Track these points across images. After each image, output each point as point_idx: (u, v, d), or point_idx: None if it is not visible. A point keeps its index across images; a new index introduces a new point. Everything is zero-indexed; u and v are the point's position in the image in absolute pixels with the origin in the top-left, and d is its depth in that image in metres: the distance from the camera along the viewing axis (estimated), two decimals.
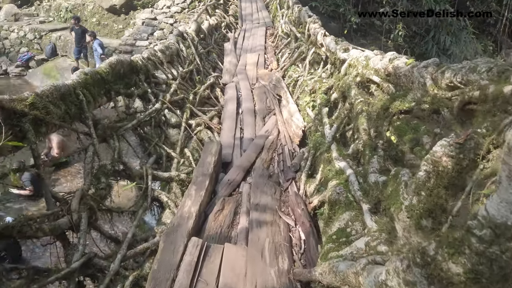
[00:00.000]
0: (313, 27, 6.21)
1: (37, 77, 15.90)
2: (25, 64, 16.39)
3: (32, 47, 17.04)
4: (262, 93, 6.82)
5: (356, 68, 3.93)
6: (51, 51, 16.36)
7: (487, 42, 16.95)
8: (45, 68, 15.96)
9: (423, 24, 15.71)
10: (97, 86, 3.91)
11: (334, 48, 4.96)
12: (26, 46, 17.00)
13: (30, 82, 15.93)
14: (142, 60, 5.09)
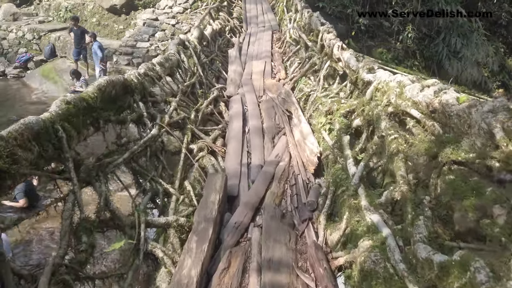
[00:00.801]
0: (328, 37, 5.53)
1: (35, 79, 15.28)
2: (24, 65, 15.77)
3: (30, 48, 16.39)
4: (270, 107, 6.16)
5: (387, 95, 3.28)
6: (50, 52, 15.73)
7: (498, 44, 16.22)
8: (44, 70, 15.34)
9: (433, 25, 14.99)
10: (83, 116, 3.27)
11: (355, 66, 4.30)
12: (24, 46, 16.36)
13: (28, 84, 15.31)
14: (137, 78, 4.44)
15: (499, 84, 16.36)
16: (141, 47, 14.53)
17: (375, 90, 3.60)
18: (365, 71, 3.96)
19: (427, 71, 15.69)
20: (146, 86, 4.58)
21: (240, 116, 5.88)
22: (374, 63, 4.02)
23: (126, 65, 14.57)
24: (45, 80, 15.10)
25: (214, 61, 7.66)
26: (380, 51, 15.13)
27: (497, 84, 16.37)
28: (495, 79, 16.36)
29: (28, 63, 15.80)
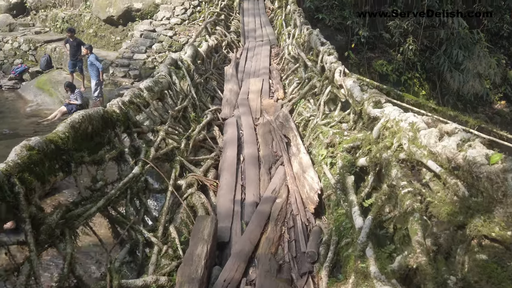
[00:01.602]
0: (328, 60, 5.08)
1: (30, 91, 14.85)
2: (19, 76, 15.36)
3: (26, 59, 15.99)
4: (267, 132, 5.71)
5: (398, 138, 2.82)
6: (46, 63, 15.35)
7: (500, 56, 15.81)
8: (39, 81, 14.92)
9: (434, 37, 14.59)
10: (49, 161, 2.82)
11: (359, 97, 3.84)
12: (20, 57, 15.95)
13: (23, 96, 14.87)
14: (121, 108, 3.99)
15: (501, 96, 15.97)
16: (138, 59, 14.14)
17: (383, 129, 3.14)
18: (371, 104, 3.50)
19: (428, 83, 15.29)
20: (130, 116, 4.12)
21: (235, 142, 5.42)
22: (381, 95, 3.56)
23: (123, 77, 14.17)
24: (40, 92, 14.68)
25: (209, 80, 7.21)
26: (381, 63, 14.73)
27: (499, 96, 15.97)
28: (497, 91, 15.95)
29: (24, 75, 15.39)
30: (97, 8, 15.58)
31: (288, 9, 9.96)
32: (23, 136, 11.95)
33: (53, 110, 13.21)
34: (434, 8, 13.98)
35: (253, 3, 13.08)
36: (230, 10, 12.21)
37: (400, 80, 14.80)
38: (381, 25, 14.78)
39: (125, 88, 13.36)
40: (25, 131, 12.32)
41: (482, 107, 15.85)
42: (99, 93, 12.26)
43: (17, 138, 11.83)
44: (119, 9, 15.13)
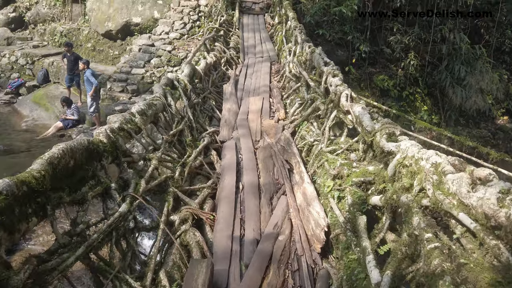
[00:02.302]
0: (333, 82, 4.72)
1: (26, 105, 14.51)
2: (15, 91, 15.04)
3: (23, 73, 15.69)
4: (268, 157, 5.33)
5: (419, 180, 2.45)
6: (43, 77, 15.05)
7: (502, 71, 15.56)
8: (35, 96, 14.59)
9: (436, 52, 14.33)
10: (20, 206, 2.44)
11: (370, 126, 3.47)
12: (17, 71, 15.66)
13: (19, 111, 14.52)
14: (109, 137, 3.61)
15: (504, 112, 15.69)
16: (136, 74, 13.86)
17: (399, 166, 2.77)
18: (384, 136, 3.14)
19: (430, 98, 15.01)
20: (119, 145, 3.75)
21: (233, 168, 5.04)
22: (395, 126, 3.19)
23: (120, 92, 13.87)
24: (36, 106, 14.34)
25: (207, 99, 6.86)
26: (382, 78, 14.45)
27: (501, 112, 15.69)
28: (499, 107, 15.67)
29: (20, 89, 15.08)
30: (96, 22, 15.34)
31: (288, 25, 9.68)
32: (18, 152, 11.59)
33: (49, 126, 12.85)
34: (435, 23, 13.76)
35: (252, 19, 12.83)
36: (230, 26, 11.94)
37: (402, 95, 14.52)
38: (382, 40, 14.54)
39: (123, 103, 13.04)
40: (19, 147, 11.95)
41: (485, 122, 15.55)
42: (96, 109, 11.91)
43: (11, 154, 11.45)
44: (117, 24, 14.89)
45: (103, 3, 15.17)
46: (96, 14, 15.33)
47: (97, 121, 12.01)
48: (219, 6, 12.56)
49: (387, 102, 14.37)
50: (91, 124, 12.40)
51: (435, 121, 14.97)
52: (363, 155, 3.73)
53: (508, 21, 15.08)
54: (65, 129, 12.48)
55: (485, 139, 15.08)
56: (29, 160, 9.66)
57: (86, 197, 3.01)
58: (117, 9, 14.86)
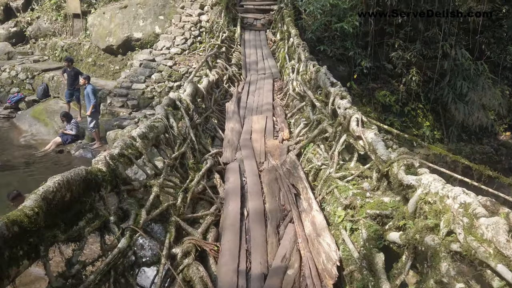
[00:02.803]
0: (342, 104, 4.53)
1: (25, 120, 14.35)
2: (15, 105, 14.92)
3: (23, 87, 15.55)
4: (273, 180, 5.11)
5: (446, 221, 2.23)
6: (43, 92, 14.93)
7: (504, 87, 15.47)
8: (35, 111, 14.44)
9: (438, 68, 14.23)
10: (10, 249, 2.22)
11: (385, 155, 3.26)
12: (17, 86, 15.53)
13: (18, 125, 14.35)
14: (108, 164, 3.40)
15: (506, 127, 15.55)
16: (136, 89, 13.73)
17: (421, 202, 2.56)
18: (402, 168, 2.93)
19: (432, 114, 14.88)
20: (119, 173, 3.53)
21: (237, 192, 4.81)
22: (413, 157, 2.98)
23: (120, 107, 13.72)
24: (35, 121, 14.18)
25: (209, 119, 6.67)
26: (384, 94, 14.33)
27: (503, 127, 15.55)
28: (502, 122, 15.54)
29: (20, 104, 14.95)
30: (97, 37, 15.26)
31: (291, 42, 9.55)
32: (15, 168, 11.36)
33: (47, 141, 12.67)
34: (437, 39, 13.70)
35: (254, 35, 12.74)
36: (231, 42, 11.84)
37: (404, 111, 14.39)
38: (384, 56, 14.46)
39: (123, 119, 12.87)
40: (17, 163, 11.72)
41: (487, 138, 15.40)
42: (95, 124, 11.75)
43: (8, 170, 11.22)
44: (118, 39, 14.81)
45: (104, 18, 15.12)
46: (97, 29, 15.26)
47: (97, 137, 11.82)
48: (221, 22, 12.48)
49: (389, 117, 14.24)
50: (91, 139, 12.22)
51: (438, 137, 14.83)
52: (376, 184, 3.52)
53: (508, 37, 15.05)
54: (64, 144, 12.30)
55: (488, 155, 14.91)
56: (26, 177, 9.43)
57: (82, 233, 2.78)
58: (118, 24, 14.80)
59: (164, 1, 15.10)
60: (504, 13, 14.73)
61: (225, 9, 12.78)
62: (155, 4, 14.98)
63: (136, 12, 14.87)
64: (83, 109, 13.06)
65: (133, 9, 14.94)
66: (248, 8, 13.94)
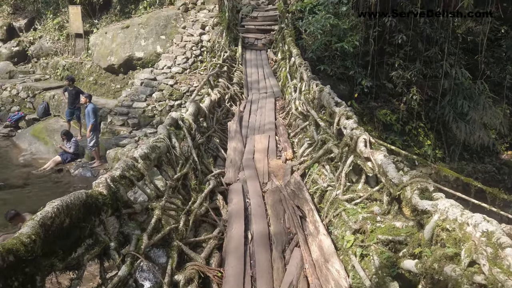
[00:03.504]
0: (348, 125, 4.44)
1: (25, 139, 14.24)
2: (15, 124, 14.83)
3: (24, 106, 15.51)
4: (278, 201, 4.97)
5: (468, 251, 2.10)
6: (44, 111, 14.88)
7: (504, 106, 15.49)
8: (35, 129, 14.35)
9: (438, 87, 14.27)
10: (4, 280, 2.07)
11: (397, 179, 3.13)
12: (18, 105, 15.49)
13: (18, 144, 14.23)
14: (109, 187, 3.28)
15: (508, 146, 15.49)
16: (137, 107, 13.70)
17: (438, 228, 2.44)
18: (415, 192, 2.81)
19: (433, 133, 14.84)
20: (120, 195, 3.40)
21: (241, 214, 4.67)
22: (427, 181, 2.86)
23: (121, 126, 13.66)
24: (35, 140, 14.07)
25: (211, 138, 6.58)
26: (384, 112, 14.31)
27: (505, 146, 15.49)
28: (503, 141, 15.48)
29: (20, 122, 14.88)
30: (98, 57, 15.32)
31: (292, 61, 9.56)
32: (13, 188, 11.18)
33: (47, 159, 12.54)
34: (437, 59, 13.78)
35: (255, 54, 12.80)
36: (233, 61, 11.87)
37: (405, 130, 14.34)
38: (384, 75, 14.51)
39: (123, 137, 12.77)
40: (15, 182, 11.55)
41: (489, 157, 15.31)
42: (95, 143, 11.66)
43: (6, 190, 11.04)
44: (120, 58, 14.87)
45: (106, 38, 15.22)
46: (99, 48, 15.34)
47: (97, 156, 11.71)
48: (222, 42, 12.55)
49: (390, 136, 14.20)
50: (90, 158, 12.10)
51: (439, 156, 14.75)
52: (387, 208, 3.39)
53: (507, 57, 15.15)
54: (63, 163, 12.17)
55: (490, 174, 14.80)
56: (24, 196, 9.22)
57: (81, 261, 2.63)
58: (120, 44, 14.89)
59: (166, 21, 15.24)
60: (502, 33, 14.88)
61: (227, 29, 12.87)
62: (157, 24, 15.11)
63: (138, 32, 14.98)
64: (84, 128, 13.01)
65: (135, 29, 15.06)
66: (249, 28, 14.05)
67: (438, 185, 2.91)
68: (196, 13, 15.76)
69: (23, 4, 18.00)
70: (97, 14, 17.05)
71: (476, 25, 14.61)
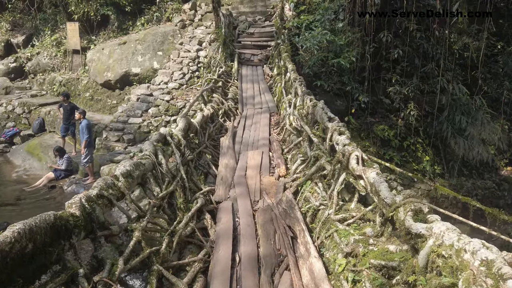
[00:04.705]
0: (340, 140, 4.24)
1: (19, 155, 14.05)
2: (9, 140, 14.66)
3: (19, 122, 15.37)
4: (269, 221, 4.73)
5: (466, 281, 1.87)
6: (39, 127, 14.74)
7: (502, 121, 15.34)
8: (29, 145, 14.17)
9: (436, 103, 14.14)
10: None
11: (389, 198, 2.91)
12: (13, 120, 15.34)
13: (11, 160, 14.03)
14: (83, 208, 3.05)
15: (507, 162, 15.27)
16: (133, 123, 13.54)
17: (434, 255, 2.21)
18: (409, 214, 2.58)
19: (431, 148, 14.64)
20: (96, 216, 3.17)
21: (229, 235, 4.42)
22: (421, 201, 2.63)
23: (116, 142, 13.48)
24: (29, 156, 13.88)
25: (202, 154, 6.37)
26: (382, 128, 14.14)
27: (504, 162, 15.27)
28: (502, 157, 15.28)
29: (14, 138, 14.71)
30: (95, 73, 15.25)
31: (287, 77, 9.44)
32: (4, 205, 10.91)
33: (40, 176, 12.31)
34: (434, 75, 13.71)
35: (251, 70, 12.71)
36: (228, 77, 11.76)
37: (403, 146, 14.16)
38: (381, 90, 14.41)
39: (118, 153, 12.57)
40: (6, 200, 11.30)
41: (489, 173, 15.08)
42: (89, 159, 11.45)
43: None
44: (116, 74, 14.80)
45: (103, 54, 15.18)
46: (95, 64, 15.28)
47: (90, 172, 11.49)
48: (218, 57, 12.48)
49: (388, 152, 14.00)
50: (84, 174, 11.89)
51: (438, 172, 14.52)
52: (380, 229, 3.16)
53: (504, 73, 15.08)
54: (56, 180, 11.95)
55: (490, 191, 14.54)
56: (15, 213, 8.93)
57: None
58: (116, 59, 14.83)
59: (163, 37, 15.23)
60: (499, 49, 14.85)
61: (223, 45, 12.81)
62: (154, 40, 15.09)
63: (135, 48, 14.95)
64: (78, 144, 12.85)
65: (132, 45, 15.03)
66: (245, 44, 14.02)
67: (433, 206, 2.69)
68: (193, 29, 15.77)
69: (22, 21, 18.05)
70: (95, 30, 17.07)
71: (472, 41, 14.58)
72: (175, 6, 16.54)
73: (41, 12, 18.07)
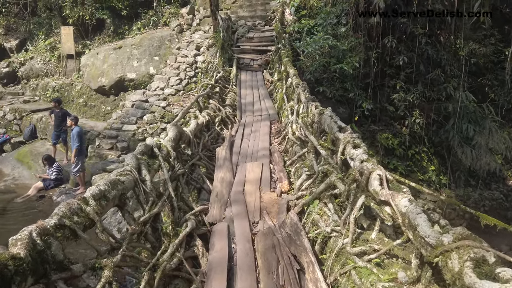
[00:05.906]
0: (357, 156, 3.47)
1: (8, 163, 13.30)
2: None
3: (10, 128, 14.63)
4: (270, 248, 3.98)
5: None
6: (30, 133, 14.02)
7: (509, 130, 14.66)
8: (19, 153, 13.43)
9: (441, 111, 13.45)
10: None
11: (433, 238, 2.13)
12: (4, 127, 14.60)
13: (0, 169, 13.28)
14: (33, 246, 2.31)
15: None
16: (127, 130, 12.81)
17: None
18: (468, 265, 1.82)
19: (437, 158, 13.93)
20: (51, 255, 2.43)
21: (224, 267, 3.67)
22: (481, 245, 1.87)
23: (109, 149, 12.73)
24: (19, 164, 13.13)
25: (196, 167, 5.63)
26: (386, 136, 13.44)
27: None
28: (510, 167, 14.58)
29: (4, 145, 13.96)
30: (89, 78, 14.55)
31: (289, 82, 8.73)
32: None
33: (29, 185, 11.55)
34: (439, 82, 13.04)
35: (251, 75, 12.01)
36: (226, 82, 11.06)
37: (408, 155, 13.43)
38: (385, 97, 13.72)
39: (111, 162, 11.82)
40: None
41: (496, 183, 14.34)
42: (81, 168, 10.71)
43: None
44: (111, 79, 14.09)
45: (97, 58, 14.49)
46: (89, 69, 14.58)
47: (81, 182, 10.74)
48: (216, 62, 11.79)
49: (393, 161, 13.29)
50: (75, 184, 11.15)
51: (444, 182, 13.79)
52: (416, 274, 2.42)
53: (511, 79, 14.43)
54: (45, 189, 11.20)
55: (497, 201, 13.81)
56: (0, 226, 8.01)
57: None
58: (111, 64, 14.14)
59: (160, 42, 14.56)
60: (506, 55, 14.20)
61: (221, 49, 12.13)
62: (151, 45, 14.42)
63: (130, 53, 14.27)
64: (70, 151, 12.12)
65: (127, 50, 14.35)
66: (244, 49, 13.34)
67: (499, 253, 1.94)
68: (191, 34, 15.12)
69: (16, 25, 17.38)
70: (90, 35, 16.40)
71: (479, 47, 13.94)
72: (172, 10, 15.89)
73: (36, 16, 17.40)
